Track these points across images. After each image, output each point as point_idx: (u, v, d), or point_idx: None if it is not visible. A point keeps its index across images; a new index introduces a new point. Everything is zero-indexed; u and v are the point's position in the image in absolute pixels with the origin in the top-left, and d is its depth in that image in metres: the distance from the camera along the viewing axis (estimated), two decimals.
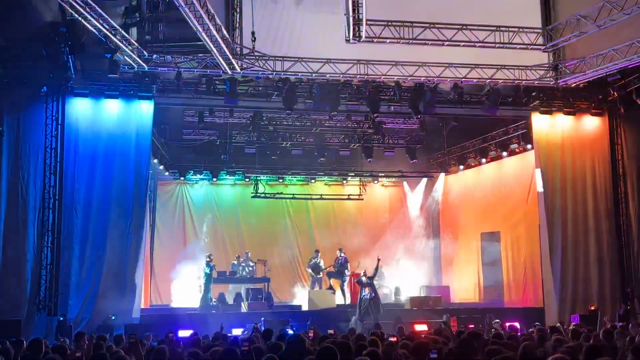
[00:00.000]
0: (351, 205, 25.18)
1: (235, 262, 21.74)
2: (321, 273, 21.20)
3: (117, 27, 14.37)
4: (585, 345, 6.54)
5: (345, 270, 20.91)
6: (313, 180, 24.86)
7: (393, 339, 9.10)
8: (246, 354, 6.79)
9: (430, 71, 16.68)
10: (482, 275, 22.65)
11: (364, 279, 17.72)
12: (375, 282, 17.94)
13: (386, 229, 25.13)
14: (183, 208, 24.27)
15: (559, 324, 12.85)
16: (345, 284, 20.58)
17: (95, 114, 16.19)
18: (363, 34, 14.24)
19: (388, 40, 15.48)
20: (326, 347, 5.54)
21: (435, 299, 20.01)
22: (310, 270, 21.61)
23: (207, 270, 19.73)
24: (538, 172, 18.24)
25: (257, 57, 16.07)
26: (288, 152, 23.17)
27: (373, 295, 17.48)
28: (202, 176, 23.58)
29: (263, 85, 17.44)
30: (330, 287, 20.66)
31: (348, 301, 20.24)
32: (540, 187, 18.15)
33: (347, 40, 14.47)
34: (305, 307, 19.36)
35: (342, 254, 21.25)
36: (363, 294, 17.58)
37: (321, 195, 24.85)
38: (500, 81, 17.09)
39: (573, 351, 6.43)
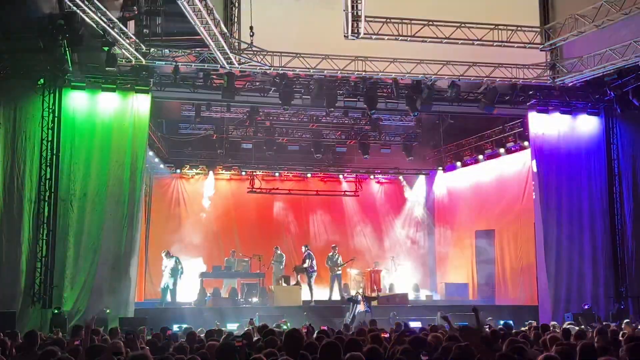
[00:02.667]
0: (347, 201, 25.18)
1: (231, 257, 21.70)
2: (340, 269, 21.04)
3: (115, 20, 14.31)
4: (580, 344, 6.54)
5: (309, 267, 20.19)
6: (309, 176, 24.86)
7: (385, 335, 9.19)
8: (240, 349, 6.79)
9: (428, 68, 16.70)
10: (476, 272, 22.71)
11: (359, 297, 17.55)
12: None
13: (381, 226, 25.20)
14: (179, 202, 24.23)
15: (553, 323, 12.90)
16: (313, 279, 20.31)
17: (92, 107, 16.11)
18: (361, 31, 14.19)
19: (386, 37, 15.52)
20: (330, 343, 5.55)
21: (401, 297, 19.88)
22: (329, 266, 21.15)
23: (180, 268, 19.49)
24: (534, 170, 18.28)
25: (255, 52, 16.06)
26: (284, 147, 23.21)
27: (368, 310, 17.15)
28: (198, 170, 23.58)
29: (260, 81, 17.40)
30: (297, 283, 20.25)
31: (315, 297, 19.81)
32: (535, 186, 18.20)
33: (346, 37, 14.43)
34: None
35: (309, 250, 20.67)
36: (358, 310, 17.13)
37: (317, 191, 24.88)
38: (498, 79, 17.13)
39: (566, 350, 6.43)
